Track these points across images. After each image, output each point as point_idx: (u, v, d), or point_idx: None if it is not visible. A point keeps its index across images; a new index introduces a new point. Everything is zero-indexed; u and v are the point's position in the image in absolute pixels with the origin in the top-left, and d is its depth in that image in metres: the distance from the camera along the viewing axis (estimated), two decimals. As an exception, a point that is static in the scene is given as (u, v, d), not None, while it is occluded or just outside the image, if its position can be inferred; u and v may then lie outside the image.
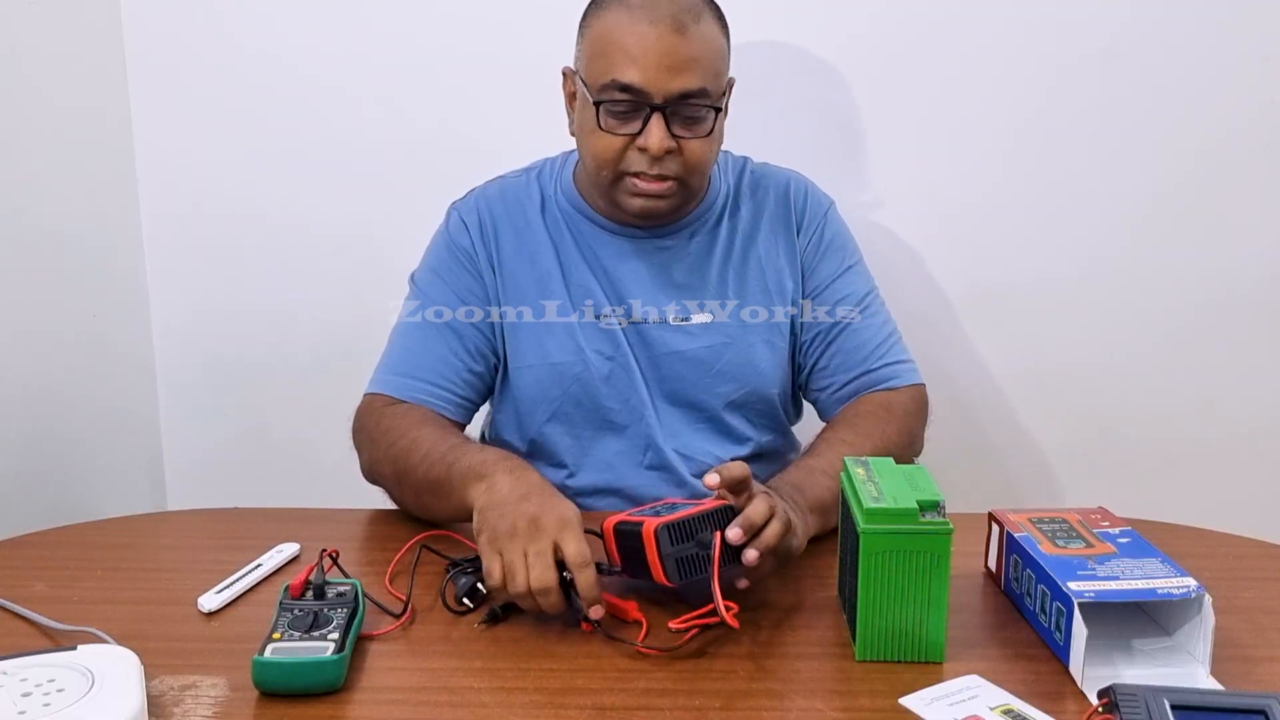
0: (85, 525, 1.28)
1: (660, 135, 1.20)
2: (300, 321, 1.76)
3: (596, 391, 1.33)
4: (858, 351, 1.35)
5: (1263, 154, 1.64)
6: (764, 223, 1.37)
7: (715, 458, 1.35)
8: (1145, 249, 1.68)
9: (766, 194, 1.38)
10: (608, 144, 1.23)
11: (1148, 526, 1.10)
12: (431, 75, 1.66)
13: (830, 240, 1.38)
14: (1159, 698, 0.81)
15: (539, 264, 1.34)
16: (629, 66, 1.19)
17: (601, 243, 1.34)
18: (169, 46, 1.67)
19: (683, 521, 1.00)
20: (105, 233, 1.69)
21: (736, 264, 1.35)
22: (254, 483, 1.80)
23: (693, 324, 1.34)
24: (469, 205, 1.37)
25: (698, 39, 1.19)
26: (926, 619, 0.96)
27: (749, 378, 1.35)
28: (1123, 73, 1.61)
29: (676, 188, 1.25)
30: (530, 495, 1.06)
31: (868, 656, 0.97)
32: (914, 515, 0.94)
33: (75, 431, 1.62)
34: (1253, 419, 1.74)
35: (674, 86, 1.19)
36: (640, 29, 1.18)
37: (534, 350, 1.33)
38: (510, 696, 0.91)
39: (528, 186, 1.38)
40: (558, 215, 1.35)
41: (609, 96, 1.21)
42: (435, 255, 1.37)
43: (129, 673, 0.86)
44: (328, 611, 0.97)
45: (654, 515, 1.02)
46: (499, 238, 1.35)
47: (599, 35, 1.22)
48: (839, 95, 1.64)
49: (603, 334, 1.33)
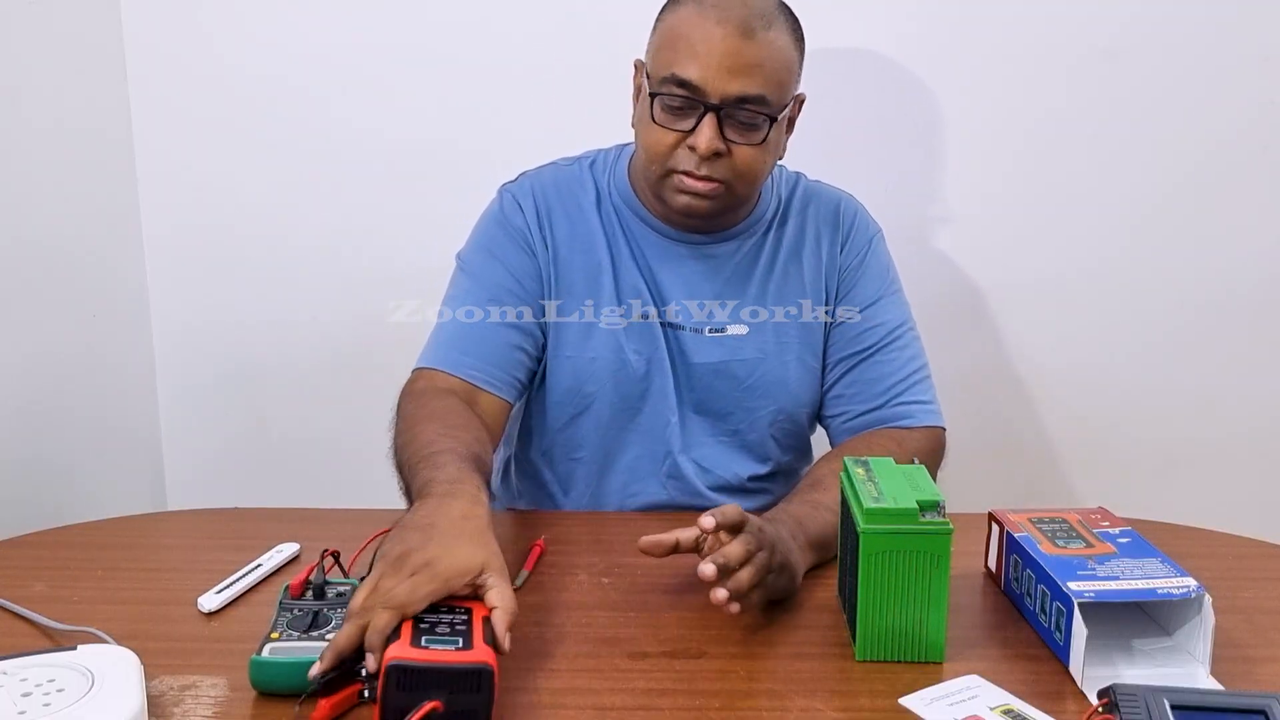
0: (85, 525, 1.28)
1: (710, 136, 1.18)
2: (300, 322, 1.76)
3: (629, 392, 1.32)
4: (877, 384, 1.32)
5: (1263, 154, 1.64)
6: (809, 238, 1.35)
7: (734, 474, 1.34)
8: (1145, 249, 1.68)
9: (818, 210, 1.36)
10: (660, 138, 1.21)
11: (1148, 526, 1.10)
12: (431, 82, 1.66)
13: (871, 265, 1.36)
14: (1159, 698, 0.80)
15: (591, 257, 1.32)
16: (690, 63, 1.17)
17: (649, 243, 1.32)
18: (169, 52, 1.67)
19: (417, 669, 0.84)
20: (105, 234, 1.69)
21: (779, 276, 1.33)
22: (254, 483, 1.80)
23: (728, 335, 1.32)
24: (523, 187, 1.35)
25: (764, 45, 1.18)
26: (926, 619, 0.96)
27: (780, 396, 1.33)
28: (1123, 73, 1.61)
29: (722, 190, 1.23)
30: (435, 528, 0.95)
31: (868, 656, 0.97)
32: (914, 515, 0.94)
33: (75, 432, 1.62)
34: (1253, 419, 1.74)
35: (732, 89, 1.17)
36: (708, 27, 1.17)
37: (576, 342, 1.32)
38: (511, 697, 0.91)
39: (581, 177, 1.35)
40: (611, 210, 1.33)
41: (666, 90, 1.19)
42: (486, 233, 1.34)
43: (129, 673, 0.86)
44: (327, 612, 0.97)
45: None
46: (553, 221, 1.32)
47: (669, 28, 1.21)
48: (839, 97, 1.63)
49: (644, 335, 1.31)
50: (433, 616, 0.89)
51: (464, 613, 0.90)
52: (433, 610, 0.89)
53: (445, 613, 0.90)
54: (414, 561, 0.90)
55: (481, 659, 0.83)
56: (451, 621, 0.88)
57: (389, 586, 0.88)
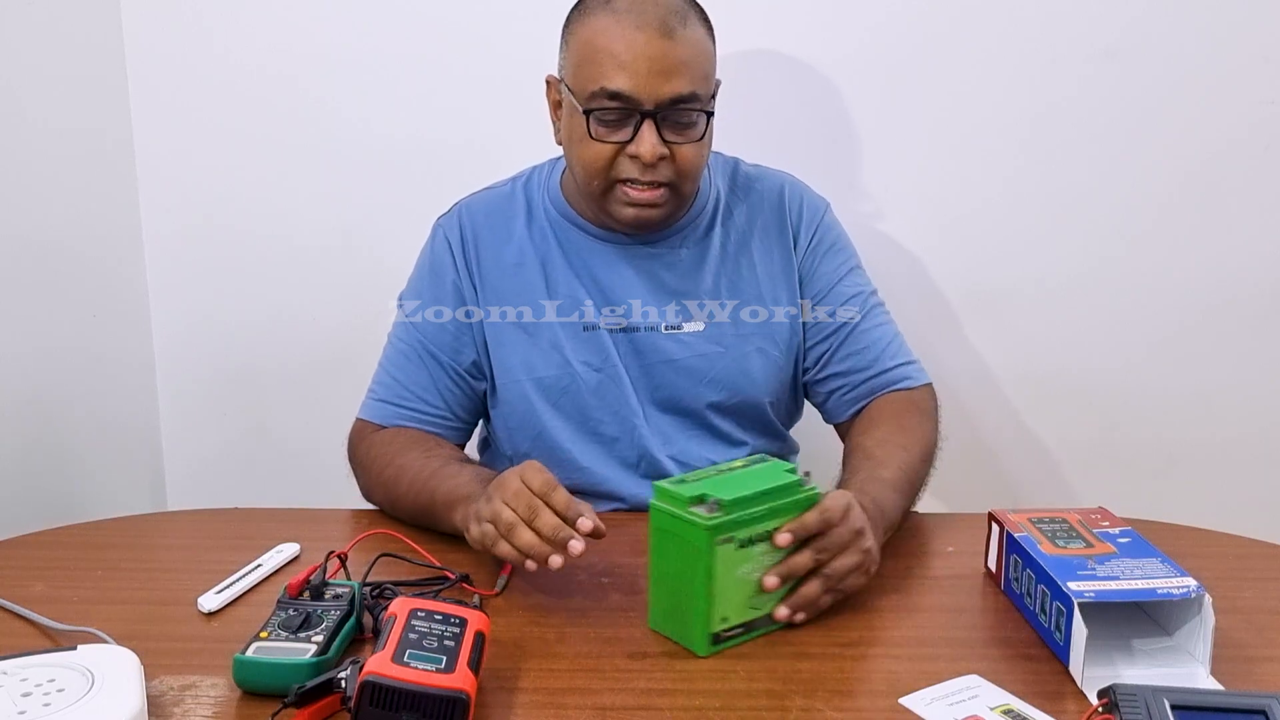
0: (85, 525, 1.28)
1: (653, 142, 1.18)
2: (300, 322, 1.76)
3: (585, 404, 1.32)
4: (868, 352, 1.34)
5: (1263, 155, 1.64)
6: (758, 228, 1.35)
7: (709, 461, 1.33)
8: (1145, 250, 1.68)
9: (761, 198, 1.37)
10: (598, 152, 1.21)
11: (1148, 526, 1.10)
12: (432, 82, 1.66)
13: (831, 243, 1.37)
14: (1159, 698, 0.80)
15: (522, 276, 1.32)
16: (618, 73, 1.17)
17: (591, 251, 1.32)
18: (169, 52, 1.67)
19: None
20: (105, 233, 1.69)
21: (730, 269, 1.34)
22: (254, 483, 1.80)
23: (685, 332, 1.32)
24: (451, 221, 1.36)
25: (686, 42, 1.18)
26: (691, 609, 0.97)
27: (741, 385, 1.34)
28: (1123, 74, 1.61)
29: (669, 194, 1.23)
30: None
31: (654, 627, 1.01)
32: (684, 502, 0.96)
33: (76, 432, 1.62)
34: (1253, 419, 1.74)
35: (665, 92, 1.17)
36: (628, 34, 1.16)
37: (520, 365, 1.32)
38: (510, 696, 0.91)
39: (513, 197, 1.36)
40: (545, 225, 1.34)
41: (598, 105, 1.18)
42: (418, 274, 1.37)
43: (129, 673, 0.86)
44: (320, 613, 0.96)
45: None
46: (480, 252, 1.33)
47: (585, 42, 1.20)
48: (839, 99, 1.64)
49: (591, 345, 1.31)
50: (424, 625, 0.88)
51: (457, 624, 0.89)
52: (426, 618, 0.89)
53: (439, 622, 0.89)
54: (502, 480, 1.03)
55: (459, 685, 0.83)
56: (441, 635, 0.88)
57: (510, 495, 1.00)
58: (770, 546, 0.99)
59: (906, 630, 1.04)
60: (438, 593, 1.04)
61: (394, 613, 0.90)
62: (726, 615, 0.98)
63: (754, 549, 0.98)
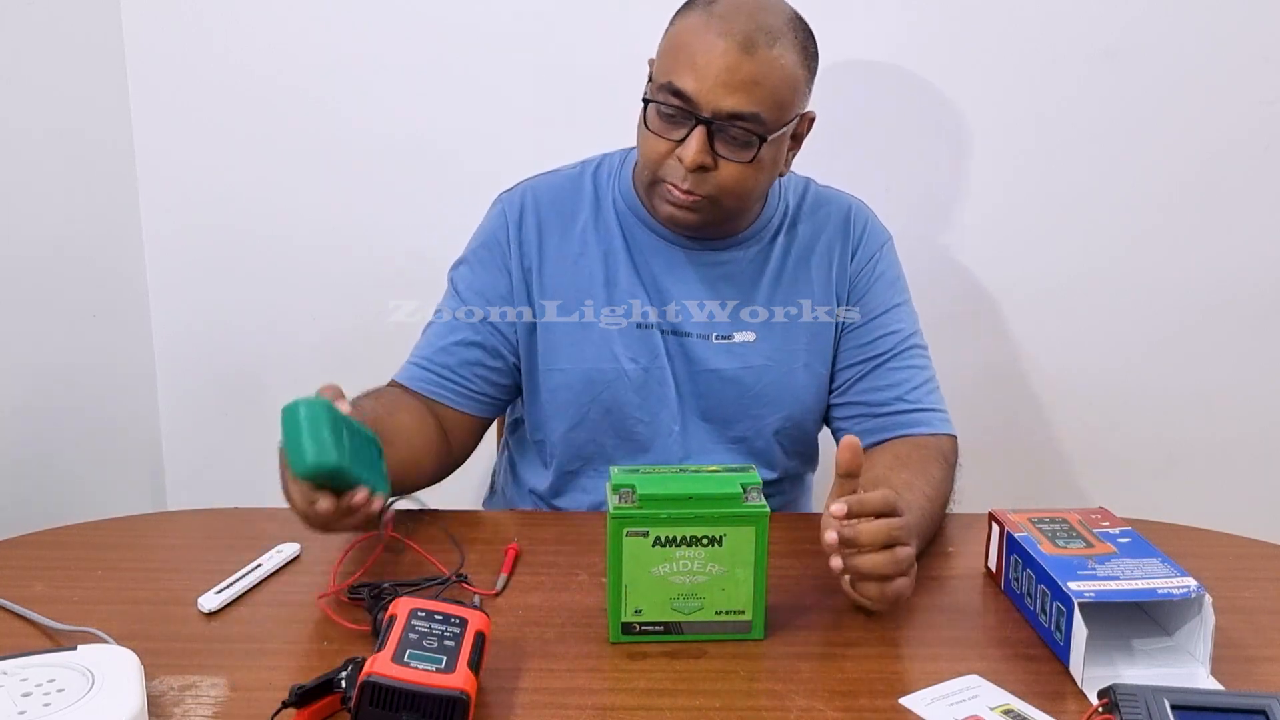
0: (85, 525, 1.28)
1: (696, 149, 1.16)
2: (300, 322, 1.76)
3: (626, 402, 1.31)
4: (891, 390, 1.31)
5: (1263, 155, 1.64)
6: (820, 244, 1.33)
7: None
8: (1145, 250, 1.68)
9: (827, 216, 1.34)
10: (653, 145, 1.20)
11: (1148, 526, 1.10)
12: (432, 83, 1.66)
13: (883, 273, 1.34)
14: (1159, 698, 0.81)
15: (582, 266, 1.31)
16: (687, 73, 1.15)
17: (654, 249, 1.30)
18: (169, 52, 1.67)
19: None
20: (105, 234, 1.69)
21: (787, 282, 1.32)
22: (254, 483, 1.79)
23: (735, 342, 1.31)
24: (514, 198, 1.34)
25: (764, 62, 1.14)
26: (610, 591, 0.99)
27: (787, 403, 1.32)
28: (1123, 74, 1.61)
29: (705, 204, 1.20)
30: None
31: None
32: (613, 489, 0.98)
33: (76, 432, 1.62)
34: (1253, 419, 1.74)
35: (725, 104, 1.15)
36: (710, 38, 1.14)
37: (568, 353, 1.31)
38: (510, 696, 0.91)
39: (581, 184, 1.34)
40: (612, 217, 1.32)
41: (662, 98, 1.17)
42: (472, 247, 1.35)
43: (129, 673, 0.86)
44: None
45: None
46: (542, 234, 1.31)
47: (675, 34, 1.19)
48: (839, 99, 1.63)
49: (642, 342, 1.30)
50: (424, 625, 0.88)
51: (457, 624, 0.89)
52: (427, 617, 0.89)
53: (439, 622, 0.89)
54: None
55: (458, 685, 0.83)
56: (442, 635, 0.88)
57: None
58: (700, 555, 0.97)
59: (906, 630, 1.04)
60: (439, 594, 1.04)
61: (394, 612, 0.90)
62: (640, 608, 0.98)
63: (674, 551, 0.97)
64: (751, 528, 0.97)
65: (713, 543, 0.97)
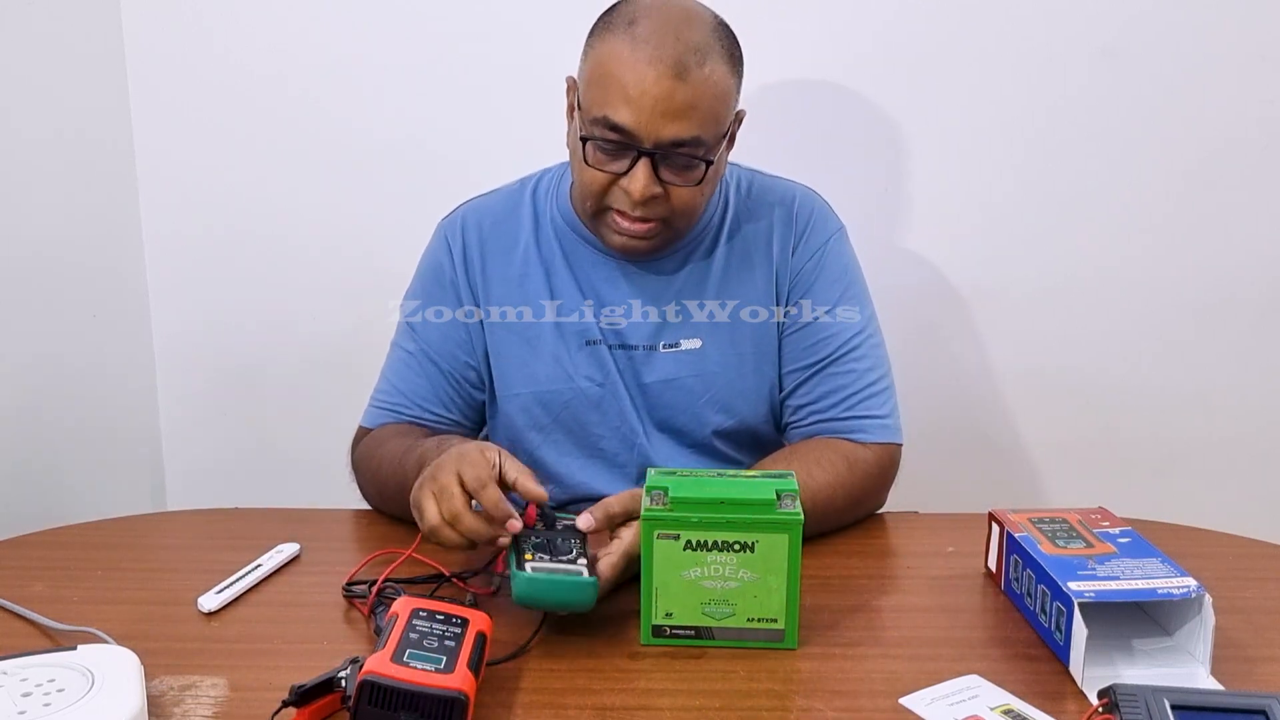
0: (85, 525, 1.28)
1: (645, 182, 1.15)
2: (300, 323, 1.76)
3: (586, 419, 1.30)
4: (831, 396, 1.28)
5: (1263, 154, 1.64)
6: (762, 238, 1.31)
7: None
8: (1145, 249, 1.68)
9: (771, 207, 1.32)
10: (594, 177, 1.18)
11: (1148, 526, 1.10)
12: (430, 84, 1.65)
13: (827, 267, 1.30)
14: (1159, 698, 0.81)
15: (526, 286, 1.30)
16: (622, 106, 1.12)
17: (594, 264, 1.29)
18: (169, 52, 1.66)
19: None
20: (105, 235, 1.69)
21: (733, 283, 1.30)
22: (254, 483, 1.80)
23: (682, 350, 1.29)
24: (454, 224, 1.34)
25: (698, 84, 1.12)
26: (642, 593, 1.00)
27: (738, 407, 1.31)
28: (1122, 73, 1.61)
29: (659, 229, 1.20)
30: (446, 450, 1.06)
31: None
32: (650, 491, 0.99)
33: (76, 432, 1.62)
34: (1253, 419, 1.74)
35: (666, 134, 1.13)
36: (640, 68, 1.11)
37: (521, 377, 1.31)
38: (511, 697, 0.91)
39: (520, 202, 1.33)
40: (551, 234, 1.31)
41: (599, 133, 1.15)
42: (419, 278, 1.36)
43: (129, 673, 0.86)
44: (561, 541, 1.02)
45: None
46: (484, 258, 1.31)
47: (600, 62, 1.16)
48: (838, 99, 1.64)
49: (592, 359, 1.29)
50: (425, 625, 0.89)
51: (459, 624, 0.90)
52: (428, 617, 0.89)
53: (441, 622, 0.89)
54: (448, 462, 1.01)
55: (457, 686, 0.83)
56: (443, 635, 0.88)
57: (468, 476, 0.99)
58: (732, 560, 0.97)
59: (906, 630, 1.04)
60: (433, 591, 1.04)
61: (396, 612, 0.90)
62: (671, 611, 0.98)
63: (705, 555, 0.97)
64: (785, 535, 0.96)
65: (745, 548, 0.97)
